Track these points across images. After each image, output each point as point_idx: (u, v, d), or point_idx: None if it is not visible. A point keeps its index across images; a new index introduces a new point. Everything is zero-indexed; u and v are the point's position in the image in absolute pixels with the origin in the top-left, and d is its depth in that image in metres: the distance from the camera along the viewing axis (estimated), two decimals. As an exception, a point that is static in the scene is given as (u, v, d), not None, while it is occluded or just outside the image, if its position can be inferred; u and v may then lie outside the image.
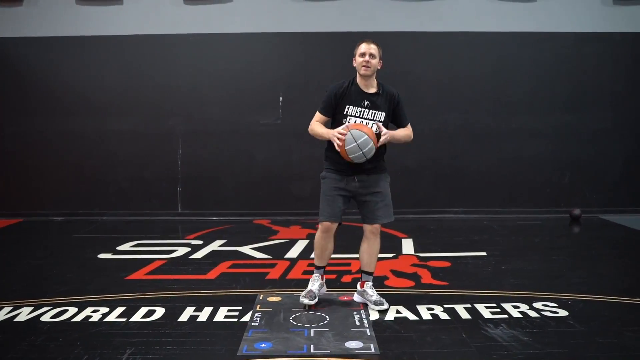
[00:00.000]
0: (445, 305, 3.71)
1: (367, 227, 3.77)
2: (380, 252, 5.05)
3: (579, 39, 7.13)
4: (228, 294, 4.09)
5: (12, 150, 7.23)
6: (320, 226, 3.75)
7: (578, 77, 7.18)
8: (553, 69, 7.15)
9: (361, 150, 3.44)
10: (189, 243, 5.75)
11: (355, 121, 3.60)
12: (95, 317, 3.59)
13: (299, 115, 7.29)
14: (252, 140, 7.12)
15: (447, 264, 4.83)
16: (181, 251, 5.40)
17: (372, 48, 3.61)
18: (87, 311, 3.69)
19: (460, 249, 5.33)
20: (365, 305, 3.75)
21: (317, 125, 3.70)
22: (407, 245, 5.53)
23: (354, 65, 3.66)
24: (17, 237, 6.33)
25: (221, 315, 3.62)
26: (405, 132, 3.79)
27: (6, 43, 7.08)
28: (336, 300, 3.83)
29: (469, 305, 3.70)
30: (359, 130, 3.46)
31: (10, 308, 3.73)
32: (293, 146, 7.19)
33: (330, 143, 3.62)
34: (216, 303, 3.82)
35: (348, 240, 5.80)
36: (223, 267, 4.78)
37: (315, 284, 3.84)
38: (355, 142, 3.44)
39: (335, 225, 3.73)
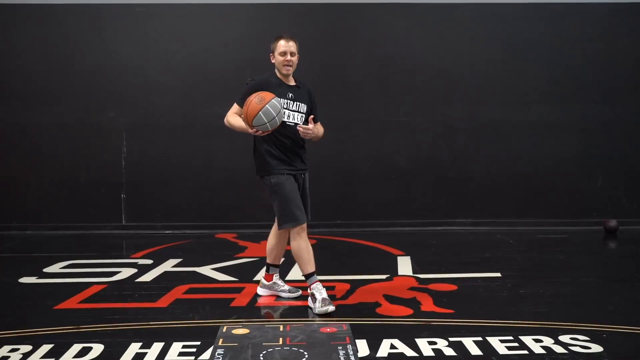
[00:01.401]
0: (451, 339, 3.67)
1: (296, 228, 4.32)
2: (372, 273, 5.12)
3: (613, 12, 7.20)
4: (183, 326, 4.01)
5: None
6: (298, 229, 4.27)
7: (610, 58, 7.25)
8: (579, 49, 7.22)
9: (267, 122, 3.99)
10: (136, 263, 5.66)
11: (293, 116, 4.26)
12: (15, 358, 3.46)
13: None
14: (213, 136, 7.05)
15: (452, 287, 4.81)
16: (125, 273, 5.30)
17: (292, 46, 4.27)
18: (4, 350, 3.55)
19: (469, 269, 5.32)
20: (351, 338, 3.70)
21: (235, 118, 4.26)
22: (404, 265, 5.51)
23: (272, 61, 4.31)
24: None
25: (175, 352, 3.54)
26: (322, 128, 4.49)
27: None
28: (316, 332, 3.77)
29: (479, 339, 3.67)
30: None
31: None
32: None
33: (262, 142, 4.24)
34: (169, 337, 3.74)
35: (330, 259, 5.80)
36: (177, 293, 4.70)
37: (322, 290, 4.25)
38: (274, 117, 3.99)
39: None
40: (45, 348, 3.57)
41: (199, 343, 3.65)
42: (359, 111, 7.17)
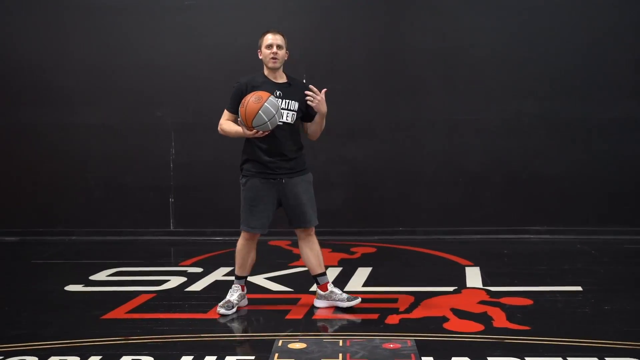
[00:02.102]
0: (527, 358, 3.60)
1: (300, 232, 4.58)
2: (438, 285, 5.06)
3: None
4: (236, 339, 4.06)
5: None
6: (246, 234, 4.50)
7: None
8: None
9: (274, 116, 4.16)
10: (185, 271, 5.74)
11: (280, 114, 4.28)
12: (62, 369, 3.57)
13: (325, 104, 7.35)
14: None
15: (527, 301, 4.72)
16: (174, 282, 5.38)
17: (278, 39, 4.39)
18: (51, 361, 3.67)
19: (546, 282, 5.22)
20: (417, 356, 3.67)
21: (228, 124, 4.45)
22: (473, 276, 5.45)
23: (260, 57, 4.45)
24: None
25: (227, 367, 3.58)
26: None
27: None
28: (379, 348, 3.76)
29: (559, 359, 3.58)
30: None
31: (-49, 356, 3.74)
32: (318, 144, 7.08)
33: (248, 144, 4.41)
34: (221, 351, 3.78)
35: (391, 269, 5.77)
36: (229, 304, 4.75)
37: (234, 294, 4.58)
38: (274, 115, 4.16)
39: (257, 235, 4.54)
40: (94, 359, 3.67)
41: (252, 358, 3.68)
42: (422, 109, 7.10)
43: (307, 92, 4.38)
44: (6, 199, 7.34)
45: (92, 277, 5.56)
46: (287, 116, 4.39)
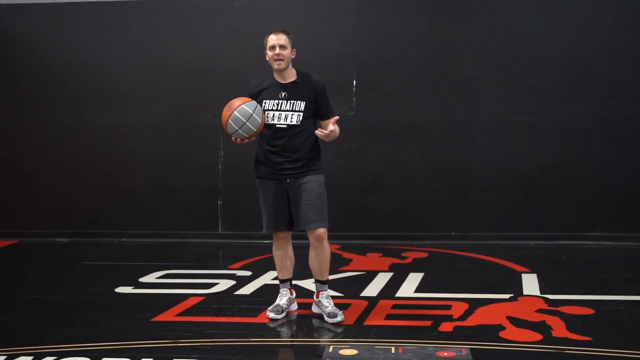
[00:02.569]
0: (590, 370, 3.55)
1: (309, 235, 4.49)
2: (493, 292, 5.00)
3: None
4: (287, 344, 4.07)
5: (1, 151, 7.57)
6: (273, 236, 4.60)
7: None
8: None
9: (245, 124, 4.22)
10: (234, 274, 5.79)
11: (273, 115, 4.36)
12: (114, 371, 3.65)
13: (376, 105, 7.36)
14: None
15: (588, 310, 4.63)
16: (223, 285, 5.44)
17: (282, 39, 4.36)
18: (103, 363, 3.75)
19: (607, 290, 5.13)
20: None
21: None
22: (530, 283, 5.37)
23: (267, 59, 4.43)
24: (11, 263, 6.59)
25: (278, 372, 3.61)
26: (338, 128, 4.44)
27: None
28: (432, 356, 3.73)
29: (624, 371, 3.52)
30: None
31: (4, 357, 3.84)
32: (369, 146, 7.14)
33: (258, 145, 4.51)
34: (272, 356, 3.82)
35: (444, 275, 5.72)
36: (279, 308, 4.78)
37: (283, 298, 4.61)
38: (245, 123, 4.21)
39: (285, 234, 4.57)
40: (144, 362, 3.74)
41: (304, 363, 3.72)
42: (476, 110, 7.02)
43: (317, 134, 4.34)
44: (58, 200, 7.52)
45: (141, 280, 5.66)
46: (292, 117, 4.36)
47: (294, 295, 4.70)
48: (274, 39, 4.35)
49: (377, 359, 3.69)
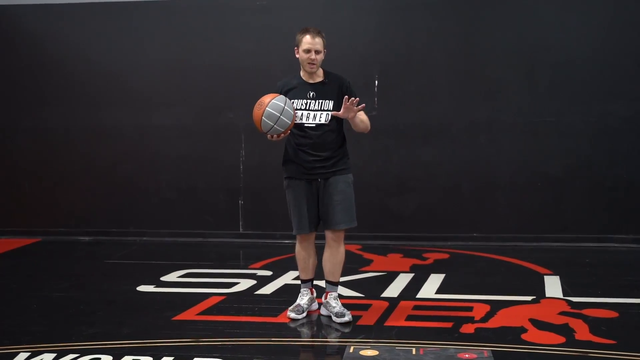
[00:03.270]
0: (613, 373, 3.54)
1: (328, 234, 4.53)
2: (515, 294, 4.99)
3: None
4: (307, 344, 4.09)
5: (27, 151, 7.68)
6: (298, 237, 4.61)
7: None
8: None
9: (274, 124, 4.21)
10: (254, 274, 5.83)
11: (302, 115, 4.39)
12: (135, 369, 3.70)
13: (399, 106, 7.36)
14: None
15: (612, 314, 4.60)
16: (244, 284, 5.48)
17: (318, 43, 4.35)
18: (125, 361, 3.80)
19: (632, 294, 5.08)
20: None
21: None
22: (553, 286, 5.35)
23: (297, 56, 4.44)
24: (34, 261, 6.68)
25: (298, 372, 3.63)
26: (367, 119, 4.57)
27: (19, 12, 7.54)
28: (454, 358, 3.74)
29: (648, 375, 3.50)
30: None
31: (28, 354, 3.91)
32: (391, 147, 7.13)
33: (288, 144, 4.53)
34: (292, 356, 3.84)
35: (466, 276, 5.71)
36: (299, 308, 4.80)
37: (304, 298, 4.65)
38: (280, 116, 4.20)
39: (311, 235, 4.58)
40: (166, 360, 3.79)
41: (324, 363, 3.74)
42: (501, 110, 6.99)
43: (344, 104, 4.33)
44: (82, 199, 7.62)
45: (163, 278, 5.72)
46: (320, 117, 4.40)
47: (315, 294, 4.73)
48: (310, 43, 4.34)
49: (398, 360, 3.71)
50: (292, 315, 4.53)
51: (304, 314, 4.57)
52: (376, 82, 7.08)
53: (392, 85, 7.09)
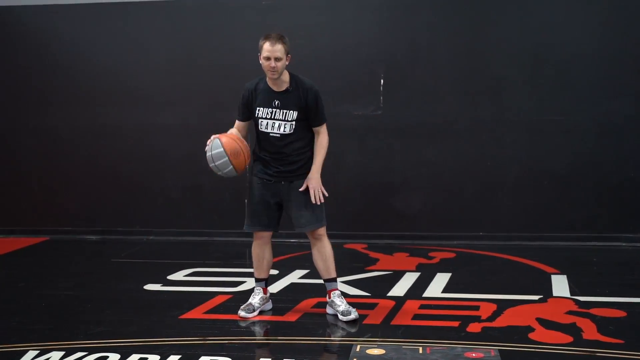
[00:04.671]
0: (621, 373, 3.52)
1: (309, 234, 4.57)
2: (522, 293, 4.97)
3: None
4: (314, 343, 4.09)
5: (35, 151, 7.69)
6: (255, 235, 4.66)
7: None
8: None
9: (214, 162, 4.38)
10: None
11: (267, 124, 4.41)
12: (143, 367, 3.71)
13: (404, 105, 7.35)
14: (342, 137, 7.11)
15: (620, 313, 4.58)
16: (250, 283, 5.42)
17: (277, 50, 4.27)
18: (133, 359, 3.81)
19: None
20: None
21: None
22: (560, 285, 5.33)
23: (260, 62, 4.36)
24: (42, 260, 6.70)
25: (305, 371, 3.63)
26: (322, 151, 4.52)
27: (25, 13, 7.55)
28: (460, 357, 3.73)
29: (656, 374, 3.49)
30: (223, 150, 4.33)
31: (36, 352, 3.93)
32: (396, 145, 7.13)
33: (256, 145, 4.56)
34: (299, 354, 3.84)
35: (472, 275, 5.70)
36: (306, 306, 4.82)
37: (256, 297, 4.67)
38: (213, 161, 4.39)
39: (267, 234, 4.62)
40: (173, 358, 3.80)
41: (331, 362, 3.74)
42: (506, 109, 6.98)
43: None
44: (89, 198, 7.63)
45: (169, 277, 5.73)
46: (285, 127, 4.39)
47: (268, 294, 4.76)
48: (269, 50, 4.28)
49: (405, 359, 3.70)
50: (242, 313, 4.55)
51: (255, 313, 4.57)
52: (381, 81, 7.08)
53: (397, 84, 7.08)
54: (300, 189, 4.44)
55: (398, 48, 7.10)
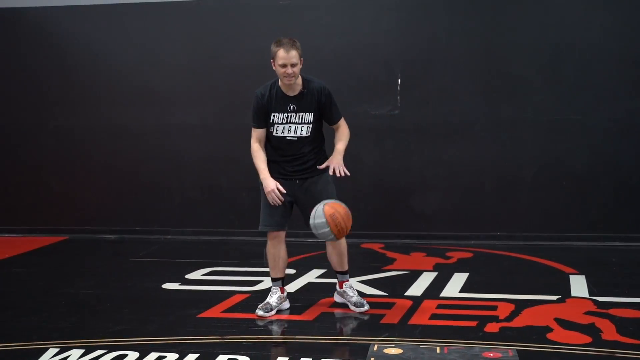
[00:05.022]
0: (641, 373, 3.50)
1: None
2: (540, 294, 4.95)
3: None
4: (331, 342, 4.10)
5: (54, 151, 7.77)
6: (269, 234, 4.67)
7: None
8: None
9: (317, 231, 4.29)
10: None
11: (283, 129, 4.44)
12: (162, 365, 3.73)
13: (421, 104, 7.33)
14: (360, 137, 7.11)
15: (640, 313, 4.55)
16: (268, 282, 5.40)
17: (292, 57, 4.29)
18: (151, 357, 3.83)
19: (659, 293, 5.02)
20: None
21: (257, 153, 4.58)
22: (578, 285, 5.30)
23: (273, 68, 4.38)
24: (62, 259, 6.76)
25: (323, 370, 3.64)
26: (344, 139, 4.56)
27: (43, 14, 7.63)
28: (478, 357, 3.72)
29: (676, 375, 3.45)
30: (325, 222, 4.21)
31: (57, 350, 3.97)
32: (413, 145, 7.12)
33: (268, 146, 4.59)
34: (316, 353, 3.84)
35: (490, 275, 5.68)
36: (323, 306, 4.82)
37: (273, 296, 4.68)
38: (316, 230, 4.27)
39: (281, 233, 4.65)
40: (192, 357, 3.82)
41: (348, 361, 3.74)
42: (525, 109, 6.94)
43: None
44: (108, 198, 7.69)
45: (187, 276, 5.76)
46: (301, 130, 4.45)
47: (285, 293, 4.78)
48: (285, 57, 4.29)
49: (422, 359, 3.70)
50: (260, 313, 4.56)
51: (273, 312, 4.59)
52: (399, 80, 7.07)
53: (414, 83, 7.07)
54: (320, 167, 4.47)
55: (415, 48, 7.09)
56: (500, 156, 7.02)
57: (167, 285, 5.47)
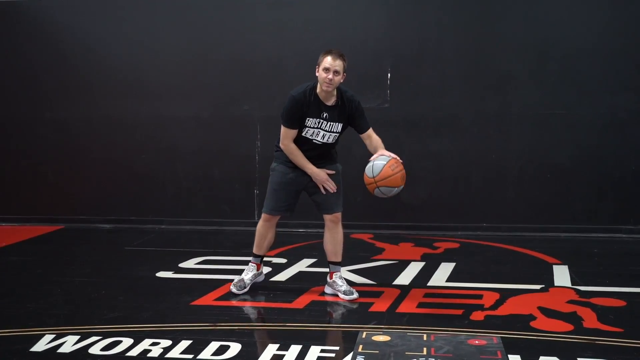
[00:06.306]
0: (619, 360, 3.53)
1: (327, 217, 4.73)
2: (525, 283, 5.00)
3: None
4: (321, 330, 4.12)
5: (50, 141, 7.73)
6: (266, 216, 4.79)
7: None
8: None
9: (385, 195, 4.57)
10: (269, 261, 5.83)
11: (313, 132, 4.55)
12: (155, 352, 3.73)
13: (411, 98, 7.35)
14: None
15: (620, 302, 4.59)
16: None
17: (338, 65, 4.38)
18: (145, 344, 3.84)
19: (639, 283, 5.06)
20: (503, 353, 3.64)
21: (296, 151, 4.60)
22: (561, 275, 5.33)
23: (316, 74, 4.47)
24: (57, 248, 6.74)
25: (313, 355, 3.65)
26: (382, 144, 4.75)
27: (40, 6, 7.58)
28: (464, 344, 3.74)
29: (654, 362, 3.49)
30: (388, 187, 4.52)
31: (53, 336, 3.98)
32: (403, 138, 7.12)
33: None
34: (306, 340, 3.86)
35: (476, 265, 5.71)
36: (314, 294, 4.83)
37: (249, 273, 4.86)
38: (384, 195, 4.55)
39: (277, 217, 4.81)
40: (185, 344, 3.83)
41: (337, 348, 3.77)
42: (510, 103, 6.97)
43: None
44: (103, 188, 7.67)
45: (181, 265, 5.76)
46: (329, 137, 4.60)
47: (261, 270, 4.99)
48: (330, 63, 4.38)
49: (409, 346, 3.72)
50: (234, 290, 4.77)
51: (246, 289, 4.78)
52: (389, 74, 7.07)
53: (404, 77, 7.08)
54: (375, 155, 4.61)
55: (405, 43, 7.09)
56: (487, 149, 7.04)
57: (161, 274, 5.47)
